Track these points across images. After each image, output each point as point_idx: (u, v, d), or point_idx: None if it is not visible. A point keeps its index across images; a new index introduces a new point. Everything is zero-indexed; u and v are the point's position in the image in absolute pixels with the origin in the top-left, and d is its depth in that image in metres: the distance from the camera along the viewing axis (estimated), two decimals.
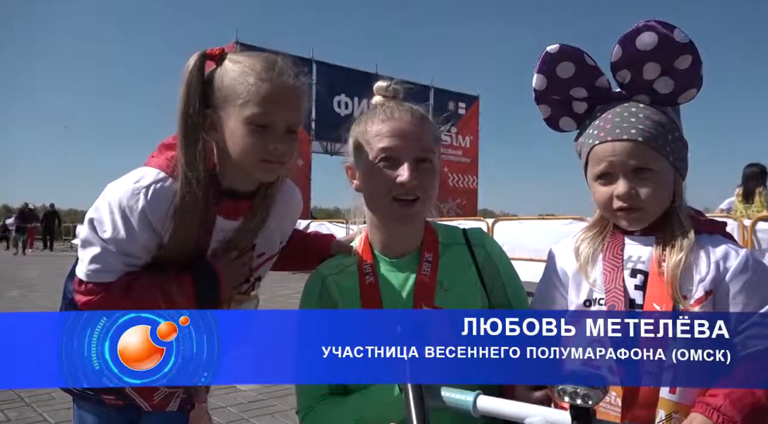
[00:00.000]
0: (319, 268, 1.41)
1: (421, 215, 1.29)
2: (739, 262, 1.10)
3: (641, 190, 1.13)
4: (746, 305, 1.08)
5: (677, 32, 1.07)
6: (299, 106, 1.28)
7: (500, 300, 1.37)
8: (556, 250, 1.31)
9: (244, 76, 1.22)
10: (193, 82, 1.25)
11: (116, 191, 1.27)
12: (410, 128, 1.26)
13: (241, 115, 1.22)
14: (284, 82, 1.23)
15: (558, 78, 1.18)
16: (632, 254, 1.17)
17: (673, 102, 1.13)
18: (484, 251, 1.38)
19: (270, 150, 1.23)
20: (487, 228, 9.89)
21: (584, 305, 1.19)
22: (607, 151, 1.14)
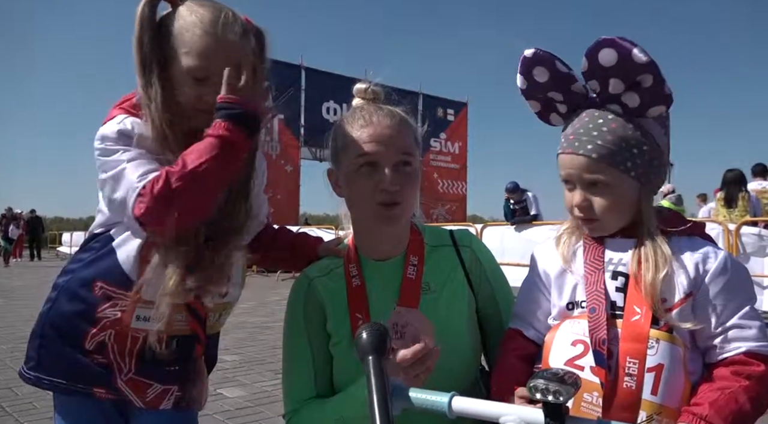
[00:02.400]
0: (306, 270, 1.41)
1: (404, 218, 1.29)
2: (718, 264, 1.10)
3: (596, 201, 1.14)
4: (725, 307, 1.08)
5: (636, 52, 1.03)
6: (236, 59, 1.28)
7: (488, 301, 1.37)
8: (538, 251, 1.31)
9: (192, 26, 1.26)
10: (144, 19, 1.27)
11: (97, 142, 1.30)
12: (389, 132, 1.25)
13: (183, 65, 1.27)
14: (227, 38, 1.27)
15: (535, 81, 1.18)
16: (613, 257, 1.17)
17: (642, 114, 1.11)
18: (471, 252, 1.38)
19: (204, 100, 1.27)
20: (477, 234, 9.93)
21: (567, 308, 1.20)
22: (565, 161, 1.16)
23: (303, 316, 1.34)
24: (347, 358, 1.28)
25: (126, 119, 1.31)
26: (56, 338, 1.34)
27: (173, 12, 1.30)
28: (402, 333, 1.09)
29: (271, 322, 7.28)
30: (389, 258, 1.34)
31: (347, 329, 1.29)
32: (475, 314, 1.36)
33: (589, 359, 1.09)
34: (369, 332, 0.89)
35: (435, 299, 1.30)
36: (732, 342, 1.07)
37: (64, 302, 1.35)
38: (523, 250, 8.91)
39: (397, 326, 1.09)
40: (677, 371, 1.05)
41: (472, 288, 1.35)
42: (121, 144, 1.28)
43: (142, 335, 1.34)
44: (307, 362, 1.32)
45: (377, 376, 0.82)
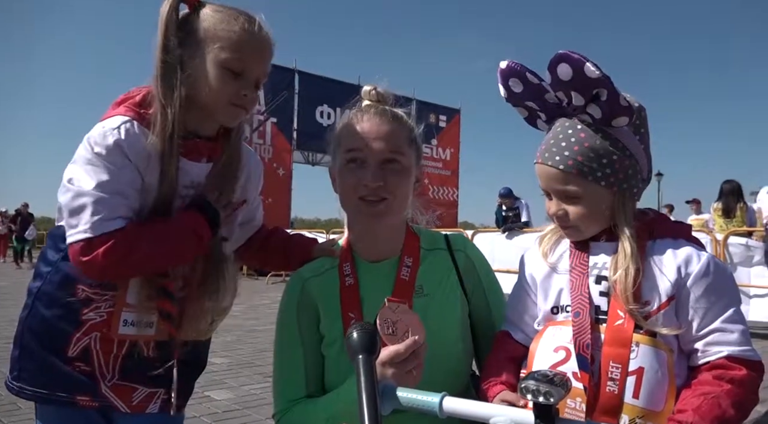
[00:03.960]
0: (300, 270, 1.42)
1: (389, 214, 1.28)
2: (701, 266, 1.10)
3: (570, 210, 1.16)
4: (708, 310, 1.09)
5: (588, 66, 1.04)
6: (269, 61, 1.36)
7: (481, 304, 1.38)
8: (526, 256, 1.33)
9: (228, 23, 1.29)
10: (171, 21, 1.29)
11: (86, 143, 1.26)
12: (378, 129, 1.27)
13: (218, 58, 1.28)
14: (263, 37, 1.33)
15: (513, 91, 1.20)
16: (597, 261, 1.18)
17: (607, 124, 1.13)
18: (465, 256, 1.38)
19: (240, 95, 1.31)
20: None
21: (551, 312, 1.21)
22: (539, 172, 1.19)
23: (296, 316, 1.35)
24: (339, 358, 1.28)
25: (126, 125, 1.27)
26: (37, 346, 1.32)
27: (195, 13, 1.32)
28: (393, 329, 1.10)
29: (260, 325, 7.25)
30: (383, 259, 1.35)
31: (340, 329, 1.29)
32: (467, 319, 1.36)
33: (571, 364, 1.10)
34: (359, 332, 0.90)
35: (428, 302, 1.30)
36: (714, 346, 1.08)
37: (42, 308, 1.32)
38: (513, 256, 8.91)
39: (388, 321, 1.10)
40: (660, 374, 1.06)
41: (465, 292, 1.35)
42: (105, 160, 1.23)
43: (129, 339, 1.33)
44: (298, 362, 1.33)
45: (367, 375, 0.82)
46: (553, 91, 1.15)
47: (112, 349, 1.32)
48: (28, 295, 1.37)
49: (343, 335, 1.27)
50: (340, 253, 1.38)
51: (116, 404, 1.32)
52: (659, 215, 1.23)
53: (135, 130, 1.27)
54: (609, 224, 1.18)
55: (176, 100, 1.27)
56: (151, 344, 1.35)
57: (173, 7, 1.29)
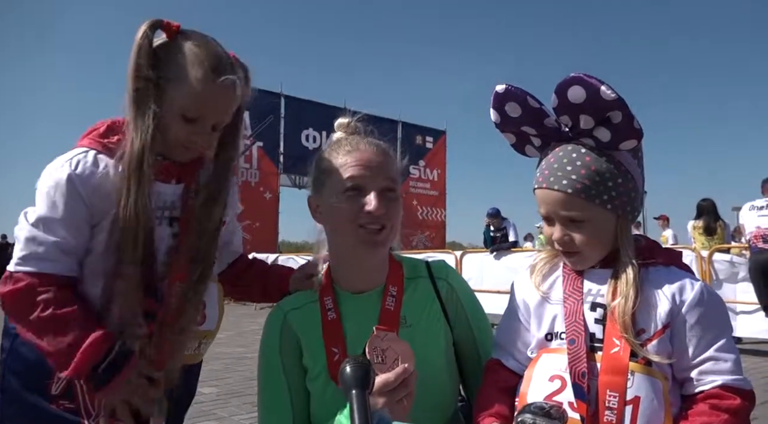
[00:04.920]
0: (280, 303, 1.40)
1: (386, 244, 1.28)
2: (695, 294, 1.11)
3: (575, 236, 1.16)
4: (701, 338, 1.09)
5: (604, 89, 1.05)
6: (228, 106, 1.33)
7: (464, 333, 1.36)
8: (517, 281, 1.32)
9: (195, 67, 1.25)
10: (143, 48, 1.25)
11: (42, 175, 1.27)
12: (376, 158, 1.27)
13: (177, 101, 1.26)
14: (226, 87, 1.27)
15: (508, 116, 1.20)
16: (591, 288, 1.18)
17: (615, 148, 1.13)
18: (447, 284, 1.37)
19: (192, 140, 1.30)
20: (456, 261, 9.95)
21: (545, 339, 1.20)
22: (542, 197, 1.18)
23: (279, 351, 1.32)
24: (325, 393, 1.26)
25: (79, 156, 1.26)
26: (20, 386, 1.28)
27: (172, 44, 1.28)
28: (383, 357, 1.08)
29: (249, 352, 7.13)
30: (366, 291, 1.33)
31: (323, 364, 1.27)
32: (452, 347, 1.35)
33: (567, 394, 1.09)
34: (353, 366, 0.89)
35: (411, 332, 1.28)
36: (708, 375, 1.08)
37: (23, 348, 1.29)
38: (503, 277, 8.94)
39: (377, 350, 1.09)
40: (656, 403, 1.05)
41: (448, 321, 1.34)
42: (53, 194, 1.24)
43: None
44: (283, 399, 1.30)
45: (361, 410, 0.82)
46: (555, 115, 1.16)
47: None
48: (5, 336, 1.34)
49: (326, 369, 1.26)
50: (321, 285, 1.36)
51: None
52: (650, 242, 1.24)
53: (89, 161, 1.26)
54: (610, 249, 1.18)
55: (147, 128, 1.24)
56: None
57: (147, 34, 1.26)
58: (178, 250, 1.33)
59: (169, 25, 1.28)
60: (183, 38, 1.28)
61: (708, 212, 8.15)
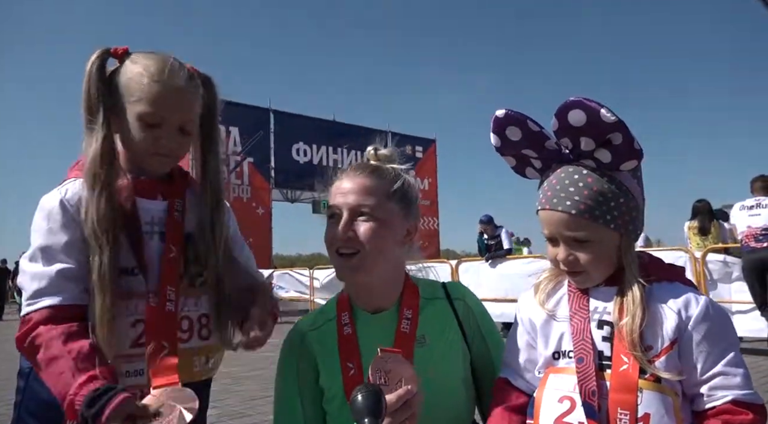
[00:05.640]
0: (298, 323, 1.42)
1: (363, 269, 1.27)
2: (700, 310, 1.11)
3: (580, 256, 1.16)
4: (709, 353, 1.09)
5: (604, 111, 1.06)
6: (189, 106, 1.35)
7: (481, 352, 1.38)
8: (522, 300, 1.32)
9: (139, 76, 1.30)
10: (93, 75, 1.31)
11: (38, 208, 1.30)
12: (351, 184, 1.30)
13: (134, 112, 1.30)
14: (175, 84, 1.31)
15: (509, 139, 1.21)
16: (598, 306, 1.18)
17: (615, 169, 1.14)
18: (464, 304, 1.39)
19: (161, 144, 1.32)
20: (452, 269, 9.95)
21: (553, 357, 1.20)
22: (546, 218, 1.19)
23: (296, 374, 1.34)
24: (341, 414, 1.27)
25: (69, 184, 1.31)
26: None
27: (120, 67, 1.34)
28: (386, 379, 1.08)
29: (245, 371, 7.05)
30: (381, 310, 1.34)
31: (340, 385, 1.27)
32: (469, 367, 1.36)
33: (577, 414, 1.09)
34: (364, 395, 0.89)
35: (430, 351, 1.30)
36: (719, 390, 1.08)
37: (37, 387, 1.27)
38: (500, 284, 8.96)
39: (380, 371, 1.09)
40: (667, 419, 1.05)
41: (466, 340, 1.35)
42: (49, 221, 1.26)
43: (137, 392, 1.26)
44: (297, 421, 1.32)
45: None
46: (555, 138, 1.17)
47: None
48: (20, 376, 1.33)
49: (343, 391, 1.26)
50: (339, 302, 1.39)
51: None
52: (653, 258, 1.24)
53: (78, 187, 1.30)
54: (615, 268, 1.18)
55: (97, 153, 1.27)
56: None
57: (96, 63, 1.31)
58: (169, 262, 1.33)
59: (116, 51, 1.34)
60: (130, 59, 1.34)
61: (702, 213, 8.20)
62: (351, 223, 1.27)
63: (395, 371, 1.09)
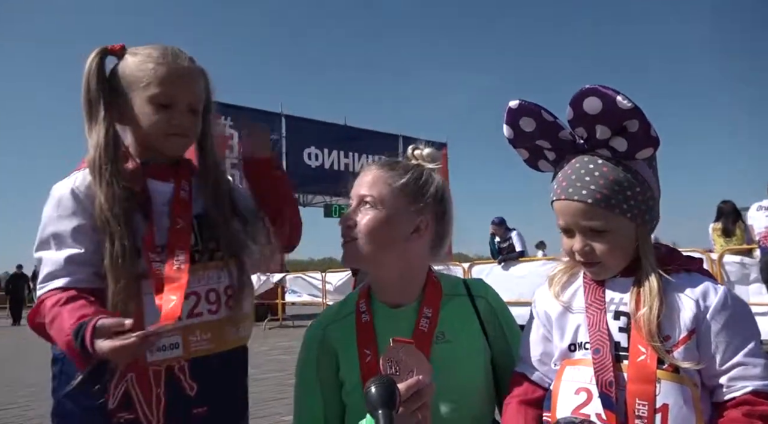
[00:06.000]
0: (320, 316, 1.44)
1: (359, 257, 1.30)
2: (719, 300, 1.10)
3: (596, 246, 1.15)
4: (728, 344, 1.08)
5: (620, 98, 1.05)
6: (196, 85, 1.42)
7: (503, 350, 1.37)
8: (538, 294, 1.32)
9: (144, 64, 1.36)
10: (93, 71, 1.37)
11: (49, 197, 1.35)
12: (364, 177, 1.35)
13: (145, 97, 1.35)
14: (180, 65, 1.38)
15: (522, 131, 1.20)
16: (614, 297, 1.18)
17: (631, 157, 1.13)
18: (486, 302, 1.38)
19: (174, 124, 1.37)
20: (464, 272, 9.91)
21: (569, 349, 1.19)
22: (561, 208, 1.18)
23: (316, 368, 1.35)
24: (361, 406, 1.26)
25: (79, 172, 1.36)
26: (76, 410, 1.30)
27: (119, 62, 1.40)
28: (397, 369, 1.09)
29: (260, 373, 7.05)
30: (401, 305, 1.35)
31: (359, 377, 1.28)
32: (490, 365, 1.35)
33: (594, 406, 1.08)
34: (378, 386, 0.89)
35: (451, 348, 1.30)
36: (738, 381, 1.07)
37: (71, 372, 1.30)
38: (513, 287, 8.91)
39: (391, 361, 1.09)
40: (686, 410, 1.04)
41: (487, 338, 1.35)
42: (59, 207, 1.31)
43: (163, 367, 1.31)
44: (317, 415, 1.34)
45: None
46: (570, 128, 1.16)
47: (150, 387, 1.30)
48: (53, 363, 1.37)
49: (362, 384, 1.26)
50: (360, 295, 1.41)
51: None
52: (670, 249, 1.23)
53: (87, 176, 1.35)
54: (631, 258, 1.18)
55: (101, 145, 1.33)
56: (186, 370, 1.33)
57: (95, 60, 1.38)
58: (176, 232, 1.37)
59: (113, 48, 1.40)
60: (129, 52, 1.40)
61: (727, 214, 8.10)
62: (354, 212, 1.32)
63: (407, 361, 1.09)
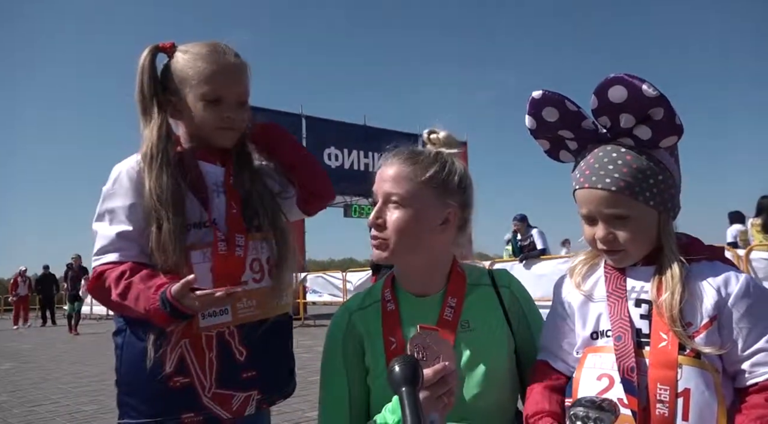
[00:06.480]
0: (346, 303, 1.47)
1: (391, 252, 1.30)
2: (740, 286, 1.11)
3: (619, 234, 1.16)
4: (751, 330, 1.08)
5: (646, 87, 1.06)
6: (243, 79, 1.51)
7: (526, 340, 1.38)
8: (559, 283, 1.33)
9: (193, 62, 1.45)
10: (146, 69, 1.47)
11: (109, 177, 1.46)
12: (386, 170, 1.34)
13: (196, 94, 1.45)
14: (227, 62, 1.47)
15: (545, 121, 1.21)
16: (635, 285, 1.18)
17: (655, 146, 1.14)
18: (510, 292, 1.39)
19: (224, 118, 1.47)
20: None
21: (591, 338, 1.20)
22: (585, 197, 1.18)
23: (342, 352, 1.38)
24: (385, 391, 1.29)
25: (131, 157, 1.47)
26: (138, 374, 1.39)
27: (173, 60, 1.49)
28: (424, 354, 1.11)
29: None
30: (426, 295, 1.36)
31: (385, 362, 1.30)
32: (513, 354, 1.36)
33: (616, 391, 1.10)
34: (401, 364, 0.91)
35: (475, 337, 1.31)
36: (761, 367, 1.07)
37: (134, 341, 1.41)
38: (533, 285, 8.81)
39: (418, 347, 1.11)
40: (707, 395, 1.05)
41: (511, 327, 1.35)
42: (112, 189, 1.44)
43: (214, 332, 1.41)
44: (344, 399, 1.35)
45: (412, 406, 0.84)
46: (593, 117, 1.17)
47: (204, 351, 1.40)
48: (116, 335, 1.47)
49: (386, 362, 1.30)
50: (385, 283, 1.43)
51: (218, 412, 1.41)
52: (692, 239, 1.24)
53: (139, 159, 1.46)
54: (653, 246, 1.19)
55: (154, 137, 1.43)
56: (235, 335, 1.43)
57: (147, 58, 1.47)
58: (232, 217, 1.48)
59: (164, 46, 1.50)
60: (180, 51, 1.49)
61: (766, 209, 7.90)
62: (382, 209, 1.32)
63: (433, 347, 1.12)
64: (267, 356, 1.49)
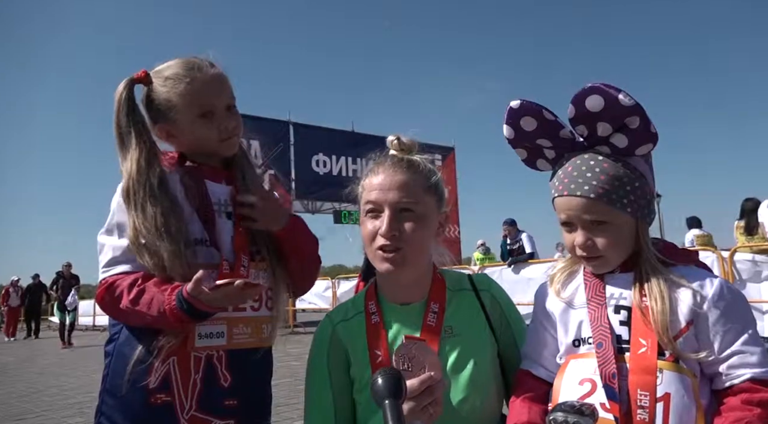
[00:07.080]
0: (330, 314, 1.45)
1: (405, 265, 1.27)
2: (715, 290, 1.13)
3: (598, 240, 1.18)
4: (726, 333, 1.10)
5: (622, 96, 1.08)
6: (225, 86, 1.52)
7: (508, 343, 1.38)
8: (540, 291, 1.34)
9: (174, 87, 1.45)
10: (122, 105, 1.45)
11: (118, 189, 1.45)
12: (392, 180, 1.29)
13: (189, 115, 1.45)
14: (206, 75, 1.47)
15: (523, 130, 1.23)
16: (614, 292, 1.20)
17: (631, 154, 1.16)
18: (491, 296, 1.39)
19: (222, 129, 1.48)
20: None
21: (573, 345, 1.22)
22: (564, 204, 1.20)
23: (327, 364, 1.37)
24: (371, 403, 1.29)
25: None
26: (120, 387, 1.37)
27: (151, 88, 1.48)
28: (409, 365, 1.11)
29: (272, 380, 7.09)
30: (409, 303, 1.36)
31: (369, 372, 1.30)
32: (497, 358, 1.36)
33: (598, 396, 1.11)
34: (384, 377, 0.91)
35: (458, 342, 1.31)
36: (737, 369, 1.09)
37: (125, 349, 1.40)
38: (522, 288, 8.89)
39: (404, 357, 1.12)
40: (686, 399, 1.07)
41: (493, 331, 1.36)
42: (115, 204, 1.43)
43: (204, 354, 1.40)
44: (328, 412, 1.34)
45: (395, 419, 0.84)
46: (570, 126, 1.19)
47: (190, 372, 1.38)
48: (108, 343, 1.45)
49: (371, 374, 1.28)
50: (368, 294, 1.41)
51: None
52: (668, 244, 1.26)
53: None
54: (630, 252, 1.20)
55: (131, 175, 1.41)
56: (223, 360, 1.42)
57: (125, 92, 1.45)
58: (239, 235, 1.48)
59: (139, 77, 1.48)
60: (158, 78, 1.48)
61: (750, 212, 8.01)
62: (395, 220, 1.26)
63: (419, 357, 1.12)
64: (249, 388, 1.47)
